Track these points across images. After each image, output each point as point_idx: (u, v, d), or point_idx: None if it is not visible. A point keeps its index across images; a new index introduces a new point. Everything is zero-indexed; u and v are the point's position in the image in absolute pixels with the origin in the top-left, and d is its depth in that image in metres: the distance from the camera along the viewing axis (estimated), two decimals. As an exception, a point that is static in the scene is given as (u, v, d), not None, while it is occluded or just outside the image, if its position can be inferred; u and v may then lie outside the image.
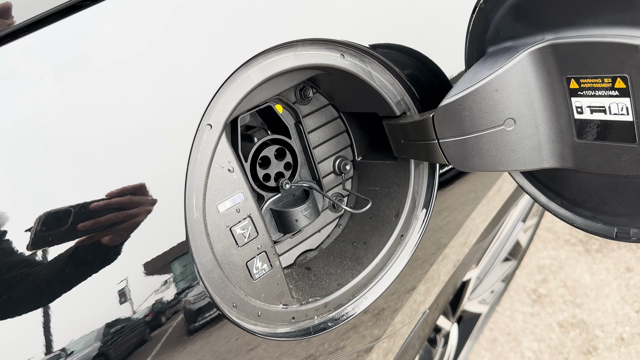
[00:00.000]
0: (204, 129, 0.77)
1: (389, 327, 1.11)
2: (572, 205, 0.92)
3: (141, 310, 0.72)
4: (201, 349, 0.79)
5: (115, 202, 0.69)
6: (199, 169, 0.77)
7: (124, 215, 0.69)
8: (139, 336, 0.72)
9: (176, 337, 0.76)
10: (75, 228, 0.66)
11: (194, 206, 0.77)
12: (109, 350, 0.68)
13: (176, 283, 0.74)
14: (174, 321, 0.75)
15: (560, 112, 0.82)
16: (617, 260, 2.76)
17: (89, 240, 0.67)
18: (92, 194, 0.67)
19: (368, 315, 1.02)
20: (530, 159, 0.87)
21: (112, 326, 0.69)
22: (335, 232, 1.11)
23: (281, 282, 0.88)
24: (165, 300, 0.74)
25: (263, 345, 0.87)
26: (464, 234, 1.18)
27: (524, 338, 2.52)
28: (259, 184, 1.02)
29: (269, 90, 0.89)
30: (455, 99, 0.85)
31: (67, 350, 0.65)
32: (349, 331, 1.00)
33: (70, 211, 0.66)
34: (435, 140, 0.90)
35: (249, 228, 0.83)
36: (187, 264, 0.75)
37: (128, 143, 0.70)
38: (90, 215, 0.67)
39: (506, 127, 0.85)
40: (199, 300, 0.77)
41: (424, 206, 1.01)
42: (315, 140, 1.06)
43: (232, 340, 0.84)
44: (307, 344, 0.94)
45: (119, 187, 0.69)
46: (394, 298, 1.06)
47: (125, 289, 0.70)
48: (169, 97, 0.73)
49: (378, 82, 0.92)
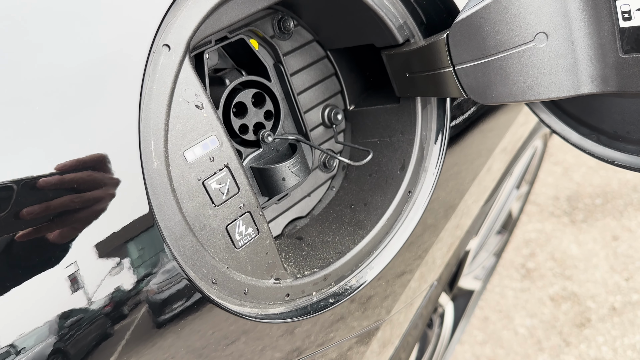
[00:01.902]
0: (160, 51, 0.58)
1: (395, 303, 0.94)
2: (612, 140, 0.77)
3: (99, 299, 0.53)
4: (173, 344, 0.61)
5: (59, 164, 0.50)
6: (156, 103, 0.58)
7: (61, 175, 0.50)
8: (99, 330, 0.53)
9: (143, 329, 0.57)
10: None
11: (152, 152, 0.58)
12: (66, 347, 0.52)
13: (139, 259, 0.55)
14: (143, 307, 0.56)
15: (602, 21, 0.68)
16: (603, 230, 2.70)
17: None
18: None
19: (371, 289, 0.85)
20: (565, 84, 0.72)
21: (66, 318, 0.51)
22: (327, 196, 0.94)
23: (271, 250, 0.69)
24: (131, 282, 0.55)
25: (243, 339, 0.69)
26: (476, 191, 1.03)
27: (516, 314, 2.43)
28: (235, 138, 0.83)
29: (242, 7, 0.70)
30: (476, 10, 0.69)
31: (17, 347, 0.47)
32: (349, 310, 0.83)
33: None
34: (450, 68, 0.74)
35: (227, 182, 0.65)
36: (150, 232, 0.56)
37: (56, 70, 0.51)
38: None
39: (537, 43, 0.70)
40: (169, 279, 0.58)
41: (435, 155, 0.85)
42: (299, 85, 0.88)
43: (209, 331, 0.65)
44: (301, 330, 0.76)
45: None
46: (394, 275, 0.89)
47: (76, 273, 0.51)
48: (109, 8, 0.55)
49: (376, 0, 0.74)
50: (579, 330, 2.31)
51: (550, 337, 2.28)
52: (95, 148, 0.53)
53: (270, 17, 0.83)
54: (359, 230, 0.84)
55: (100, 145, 0.53)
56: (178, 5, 0.59)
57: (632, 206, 2.79)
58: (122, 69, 0.56)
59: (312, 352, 0.80)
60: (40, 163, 0.50)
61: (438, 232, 0.96)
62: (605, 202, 2.85)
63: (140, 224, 0.55)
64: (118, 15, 0.56)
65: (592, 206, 2.85)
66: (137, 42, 0.57)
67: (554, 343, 2.25)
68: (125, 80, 0.56)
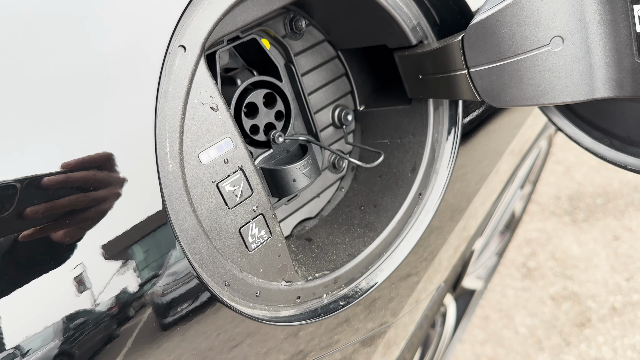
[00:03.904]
0: (176, 52, 0.58)
1: (401, 305, 0.94)
2: (625, 144, 0.77)
3: (105, 300, 0.53)
4: (178, 346, 0.60)
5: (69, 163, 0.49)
6: (172, 105, 0.57)
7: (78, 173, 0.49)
8: (106, 331, 0.53)
9: (152, 329, 0.57)
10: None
11: (167, 154, 0.57)
12: (71, 349, 0.51)
13: (151, 259, 0.55)
14: (153, 307, 0.56)
15: (618, 26, 0.67)
16: (604, 230, 2.71)
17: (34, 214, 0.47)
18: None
19: (377, 292, 0.85)
20: (580, 88, 0.71)
21: (72, 320, 0.51)
22: (337, 197, 0.93)
23: (283, 253, 0.69)
24: (138, 284, 0.55)
25: (247, 341, 0.68)
26: (484, 193, 1.02)
27: (516, 314, 2.43)
28: (246, 139, 0.82)
29: (256, 8, 0.69)
30: (492, 12, 0.68)
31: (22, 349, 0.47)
32: (355, 313, 0.82)
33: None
34: (465, 70, 0.74)
35: (241, 184, 0.64)
36: (164, 233, 0.56)
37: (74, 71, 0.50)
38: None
39: (553, 47, 0.69)
40: (182, 280, 0.58)
41: (446, 157, 0.84)
42: (310, 85, 0.87)
43: (213, 335, 0.64)
44: (305, 332, 0.75)
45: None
46: (406, 273, 0.89)
47: (83, 274, 0.51)
48: (125, 9, 0.54)
49: (390, 1, 0.74)
50: (579, 330, 2.32)
51: (551, 337, 2.28)
52: (110, 149, 0.53)
53: (282, 16, 0.82)
54: (369, 232, 0.84)
55: (116, 147, 0.53)
56: (194, 6, 0.59)
57: (633, 206, 2.79)
58: (138, 70, 0.55)
59: (319, 356, 0.80)
60: (51, 162, 0.50)
61: (445, 235, 0.95)
62: (607, 202, 2.85)
63: (154, 225, 0.55)
64: (134, 16, 0.55)
65: (593, 206, 2.85)
66: (153, 43, 0.56)
67: (554, 342, 2.25)
68: (141, 82, 0.55)
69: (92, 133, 0.52)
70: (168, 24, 0.57)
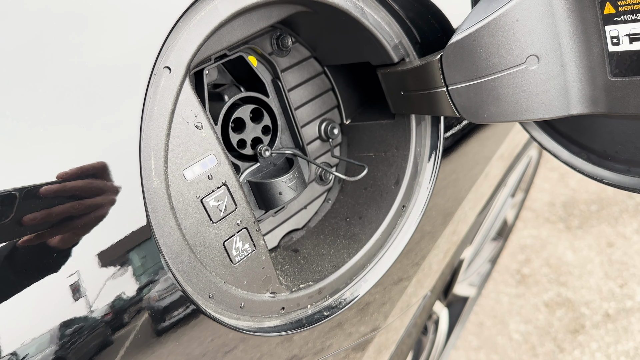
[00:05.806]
0: (161, 73, 0.60)
1: (389, 315, 0.96)
2: (601, 159, 0.79)
3: (100, 308, 0.55)
4: (172, 352, 0.62)
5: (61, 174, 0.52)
6: (157, 124, 0.59)
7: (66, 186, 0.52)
8: (100, 338, 0.55)
9: (142, 339, 0.59)
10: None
11: (152, 172, 0.59)
12: (67, 355, 0.53)
13: (136, 273, 0.57)
14: (139, 320, 0.58)
15: (592, 45, 0.69)
16: (598, 236, 2.72)
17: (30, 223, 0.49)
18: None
19: (364, 303, 0.87)
20: (556, 105, 0.74)
21: (67, 326, 0.53)
22: (323, 208, 0.96)
23: (267, 265, 0.71)
24: (126, 295, 0.57)
25: (241, 347, 0.70)
26: (470, 201, 1.04)
27: (510, 320, 2.44)
28: (233, 153, 0.85)
29: (241, 29, 0.72)
30: (469, 33, 0.71)
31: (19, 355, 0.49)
32: (340, 323, 0.84)
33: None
34: (443, 88, 0.76)
35: (225, 199, 0.66)
36: (149, 247, 0.58)
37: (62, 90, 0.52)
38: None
39: (528, 65, 0.72)
40: (166, 294, 0.60)
41: (428, 170, 0.87)
42: (296, 100, 0.90)
43: (206, 341, 0.67)
44: (299, 337, 0.78)
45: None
46: (391, 282, 0.91)
47: (77, 282, 0.53)
48: (112, 31, 0.56)
49: (372, 21, 0.76)
50: (573, 336, 2.33)
51: (545, 343, 2.29)
52: (96, 165, 0.55)
53: (268, 34, 0.85)
54: (354, 243, 0.86)
55: (101, 166, 0.55)
56: (179, 28, 0.61)
57: (627, 213, 2.81)
58: (123, 91, 0.57)
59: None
60: (45, 177, 0.52)
61: (435, 239, 0.98)
62: (601, 209, 2.87)
63: (139, 240, 0.57)
64: (121, 37, 0.57)
65: (587, 212, 2.87)
66: (139, 64, 0.58)
67: (548, 349, 2.27)
68: (127, 103, 0.58)
69: (77, 151, 0.54)
70: (153, 45, 0.59)
